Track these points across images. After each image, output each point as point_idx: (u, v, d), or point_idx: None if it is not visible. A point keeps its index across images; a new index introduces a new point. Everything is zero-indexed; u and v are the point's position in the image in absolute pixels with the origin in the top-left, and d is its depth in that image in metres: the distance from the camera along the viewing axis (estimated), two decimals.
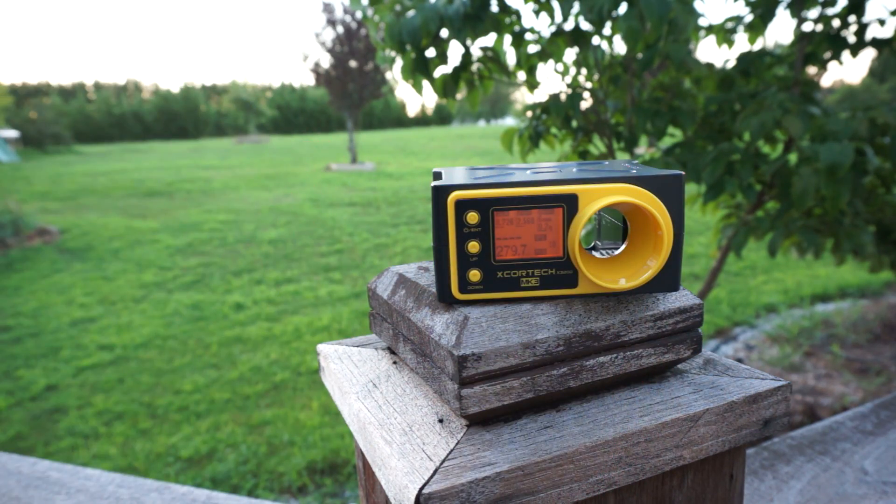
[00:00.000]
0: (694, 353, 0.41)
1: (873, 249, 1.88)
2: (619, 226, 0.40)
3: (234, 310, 4.30)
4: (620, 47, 1.80)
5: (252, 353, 3.51)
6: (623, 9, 1.38)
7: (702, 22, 1.92)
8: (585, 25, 1.70)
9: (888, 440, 0.80)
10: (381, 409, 0.39)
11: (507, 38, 1.78)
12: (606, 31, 1.69)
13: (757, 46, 1.88)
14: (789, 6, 1.75)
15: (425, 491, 0.30)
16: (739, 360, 2.29)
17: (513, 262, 0.36)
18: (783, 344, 3.34)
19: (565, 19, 1.48)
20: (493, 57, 1.81)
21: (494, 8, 1.61)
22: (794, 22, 1.77)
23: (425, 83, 1.75)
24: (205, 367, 3.35)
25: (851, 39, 1.75)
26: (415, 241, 6.18)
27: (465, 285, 0.36)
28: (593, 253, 0.41)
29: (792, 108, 1.46)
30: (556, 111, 1.68)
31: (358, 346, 0.50)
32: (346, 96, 15.38)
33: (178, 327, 3.99)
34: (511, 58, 1.99)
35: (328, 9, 14.82)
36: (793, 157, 1.68)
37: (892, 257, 1.92)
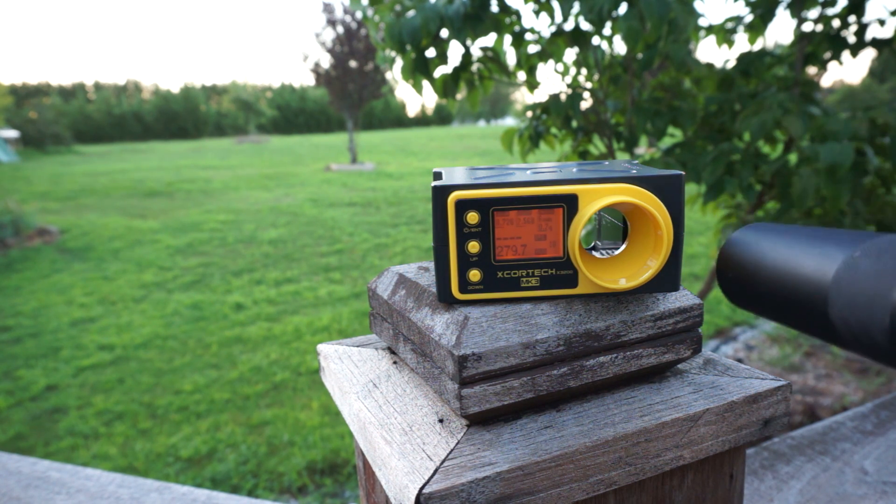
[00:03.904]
0: (694, 353, 0.41)
1: None
2: (619, 226, 0.40)
3: (234, 310, 4.30)
4: (620, 47, 1.80)
5: (252, 353, 3.51)
6: (623, 9, 1.38)
7: (702, 22, 1.92)
8: (585, 25, 1.70)
9: (888, 440, 0.80)
10: (381, 408, 0.39)
11: (507, 38, 1.78)
12: (606, 31, 1.69)
13: (757, 46, 1.88)
14: (789, 6, 1.75)
15: (425, 491, 0.30)
16: (739, 360, 2.29)
17: (513, 262, 0.36)
18: (783, 344, 3.33)
19: (565, 19, 1.48)
20: (493, 57, 1.81)
21: (494, 8, 1.61)
22: (794, 22, 1.77)
23: (425, 83, 1.75)
24: (205, 367, 3.35)
25: (851, 39, 1.75)
26: (415, 241, 6.17)
27: (465, 285, 0.36)
28: (593, 253, 0.41)
29: (792, 108, 1.46)
30: (556, 111, 1.68)
31: (358, 346, 0.50)
32: (346, 96, 15.38)
33: (178, 327, 3.99)
34: (511, 58, 2.00)
35: (328, 9, 14.83)
36: (793, 157, 1.68)
37: None
